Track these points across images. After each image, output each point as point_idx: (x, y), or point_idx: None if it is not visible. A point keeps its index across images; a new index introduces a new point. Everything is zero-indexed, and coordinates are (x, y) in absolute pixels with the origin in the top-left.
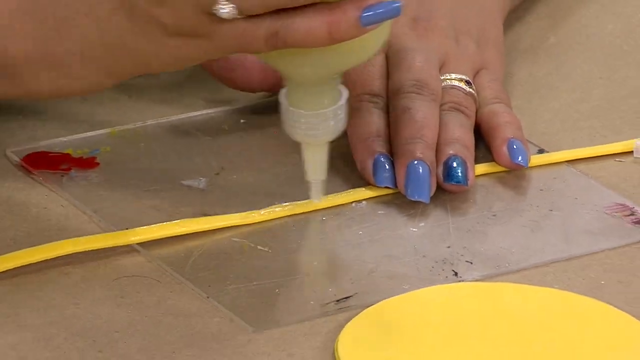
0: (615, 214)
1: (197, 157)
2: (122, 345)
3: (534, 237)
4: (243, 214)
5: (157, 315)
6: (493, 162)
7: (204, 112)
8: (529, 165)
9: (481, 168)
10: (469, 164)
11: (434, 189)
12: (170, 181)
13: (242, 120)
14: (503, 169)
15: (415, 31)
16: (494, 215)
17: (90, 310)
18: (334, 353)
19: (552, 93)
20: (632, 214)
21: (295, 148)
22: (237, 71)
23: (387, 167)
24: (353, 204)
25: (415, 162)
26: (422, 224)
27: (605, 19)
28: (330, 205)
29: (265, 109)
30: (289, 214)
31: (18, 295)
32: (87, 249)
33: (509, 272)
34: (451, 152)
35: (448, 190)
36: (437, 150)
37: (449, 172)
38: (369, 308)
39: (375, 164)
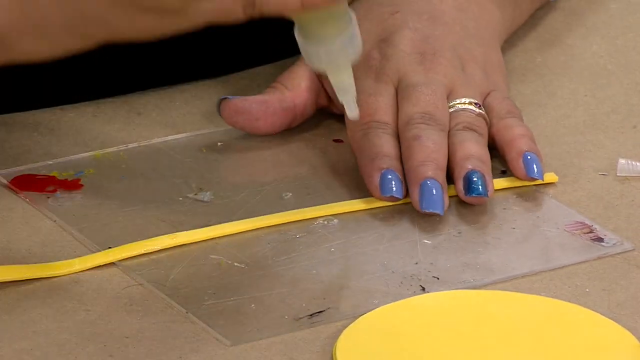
0: (575, 231)
1: (177, 177)
2: (132, 350)
3: (496, 254)
4: (211, 227)
5: (164, 321)
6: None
7: (184, 135)
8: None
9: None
10: (487, 177)
11: (447, 204)
12: (148, 201)
13: (219, 143)
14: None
15: (423, 65)
16: (459, 233)
17: (101, 316)
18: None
19: (540, 110)
20: (591, 232)
21: (277, 168)
22: (261, 120)
23: (394, 180)
24: (325, 222)
25: (428, 181)
26: (391, 241)
27: (590, 40)
28: (304, 218)
29: (241, 134)
30: (260, 226)
31: (32, 302)
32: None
33: (473, 287)
34: (470, 166)
35: (469, 202)
36: (456, 166)
37: (469, 186)
38: (364, 315)
39: (382, 177)
